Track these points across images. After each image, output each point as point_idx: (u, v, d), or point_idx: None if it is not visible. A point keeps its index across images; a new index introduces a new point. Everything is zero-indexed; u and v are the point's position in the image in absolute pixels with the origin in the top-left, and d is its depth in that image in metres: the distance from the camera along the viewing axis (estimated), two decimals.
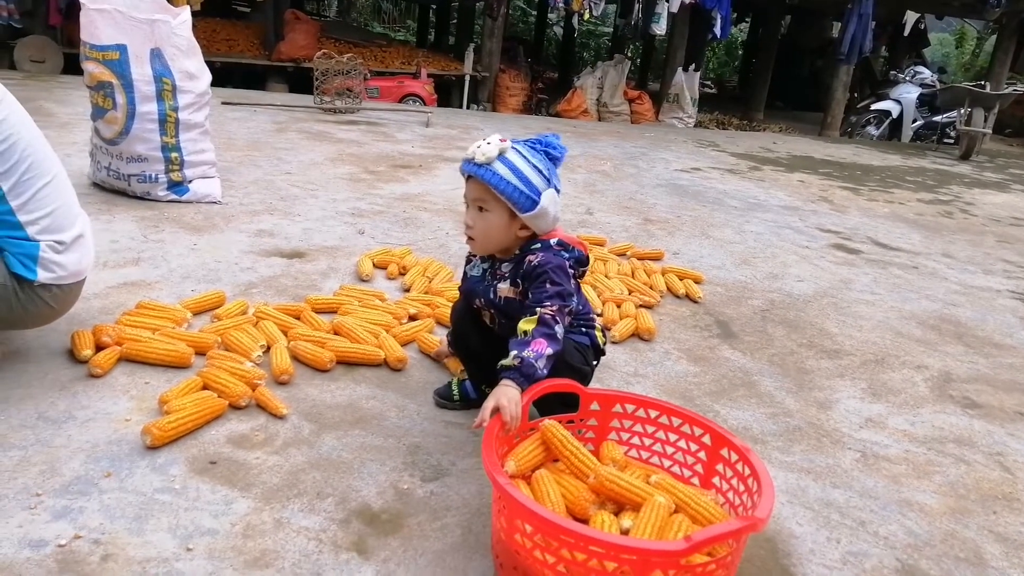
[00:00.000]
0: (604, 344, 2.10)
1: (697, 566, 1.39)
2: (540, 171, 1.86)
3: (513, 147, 1.86)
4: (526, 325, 1.78)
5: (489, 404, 1.64)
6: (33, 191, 1.95)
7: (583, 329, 2.04)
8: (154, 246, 3.23)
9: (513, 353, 1.73)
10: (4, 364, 2.14)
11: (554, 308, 1.78)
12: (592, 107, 10.65)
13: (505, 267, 1.96)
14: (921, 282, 4.11)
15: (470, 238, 1.95)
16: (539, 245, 1.90)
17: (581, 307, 2.02)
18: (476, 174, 1.84)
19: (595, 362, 2.09)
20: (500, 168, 1.83)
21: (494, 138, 1.84)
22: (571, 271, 1.89)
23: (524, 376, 1.70)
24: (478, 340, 2.10)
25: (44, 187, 1.98)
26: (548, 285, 1.81)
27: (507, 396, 1.66)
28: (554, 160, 1.91)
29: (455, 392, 2.24)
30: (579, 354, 2.00)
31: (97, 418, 1.98)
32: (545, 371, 1.72)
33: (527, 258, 1.88)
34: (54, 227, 2.00)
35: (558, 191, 1.92)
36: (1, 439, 1.84)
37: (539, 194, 1.84)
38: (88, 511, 1.64)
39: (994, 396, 2.77)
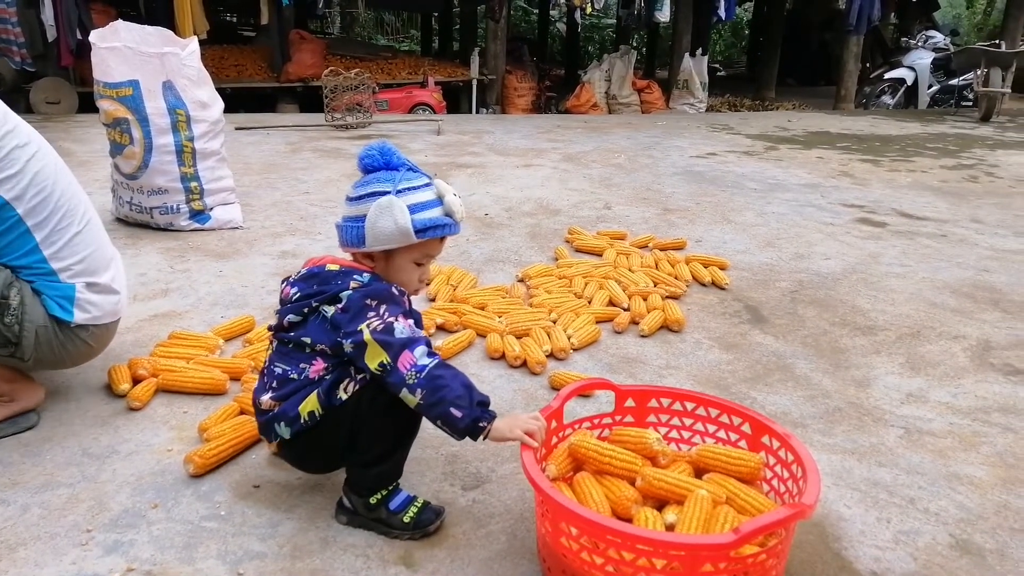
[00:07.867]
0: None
1: (747, 557, 1.38)
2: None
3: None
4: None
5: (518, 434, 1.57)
6: (66, 239, 1.99)
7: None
8: (181, 276, 3.27)
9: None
10: (46, 404, 2.18)
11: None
12: (601, 100, 10.60)
13: None
14: (951, 250, 4.04)
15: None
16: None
17: None
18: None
19: None
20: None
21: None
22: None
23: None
24: None
25: (76, 235, 2.01)
26: None
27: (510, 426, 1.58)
28: (387, 166, 1.64)
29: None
30: None
31: (140, 450, 2.01)
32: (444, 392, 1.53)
33: None
34: (87, 271, 2.04)
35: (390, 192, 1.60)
36: (49, 478, 1.88)
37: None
38: (138, 543, 1.66)
39: None
